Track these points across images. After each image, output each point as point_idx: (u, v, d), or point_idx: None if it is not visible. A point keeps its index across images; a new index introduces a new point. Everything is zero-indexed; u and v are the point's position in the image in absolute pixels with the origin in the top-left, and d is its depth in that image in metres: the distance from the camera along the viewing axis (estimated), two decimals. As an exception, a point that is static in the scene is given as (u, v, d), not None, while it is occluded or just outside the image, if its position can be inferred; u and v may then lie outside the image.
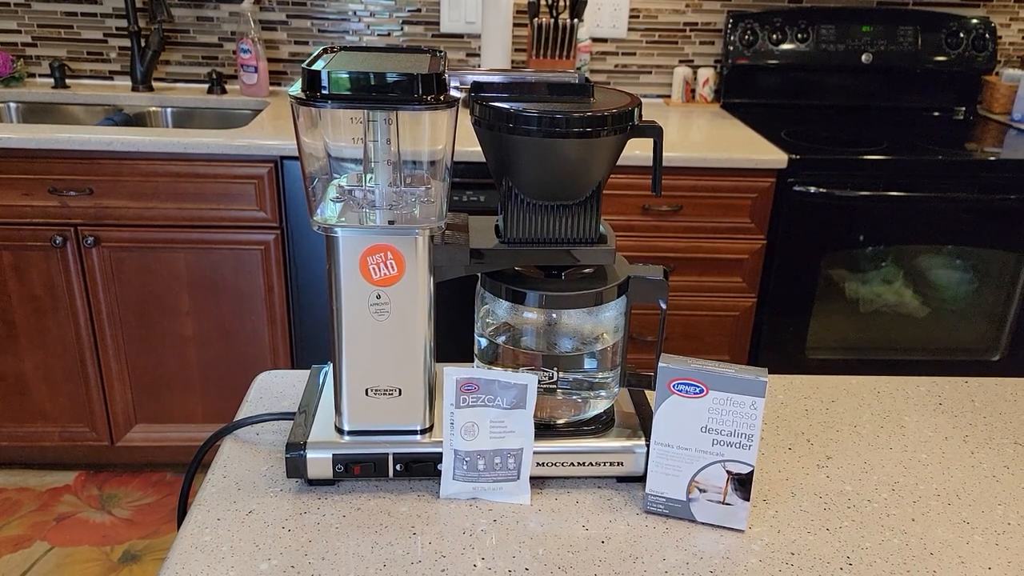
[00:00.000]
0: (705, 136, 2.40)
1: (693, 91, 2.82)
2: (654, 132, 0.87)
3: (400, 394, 0.91)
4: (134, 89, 2.63)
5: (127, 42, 2.67)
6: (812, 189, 2.27)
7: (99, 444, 2.45)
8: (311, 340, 2.37)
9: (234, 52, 2.71)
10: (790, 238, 2.33)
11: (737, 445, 0.86)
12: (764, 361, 2.46)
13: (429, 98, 0.79)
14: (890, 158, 2.29)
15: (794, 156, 2.24)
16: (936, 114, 2.84)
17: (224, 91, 2.67)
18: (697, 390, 0.85)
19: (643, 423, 0.96)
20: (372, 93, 0.79)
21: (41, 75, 2.71)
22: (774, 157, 2.23)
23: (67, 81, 2.67)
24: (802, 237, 2.33)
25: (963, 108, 2.86)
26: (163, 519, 2.37)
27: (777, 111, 2.76)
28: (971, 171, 2.33)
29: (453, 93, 0.81)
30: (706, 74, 2.78)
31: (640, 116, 0.86)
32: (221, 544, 0.84)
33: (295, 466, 0.91)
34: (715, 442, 0.86)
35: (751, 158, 2.23)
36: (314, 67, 0.79)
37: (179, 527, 0.91)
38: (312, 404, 0.98)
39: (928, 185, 2.31)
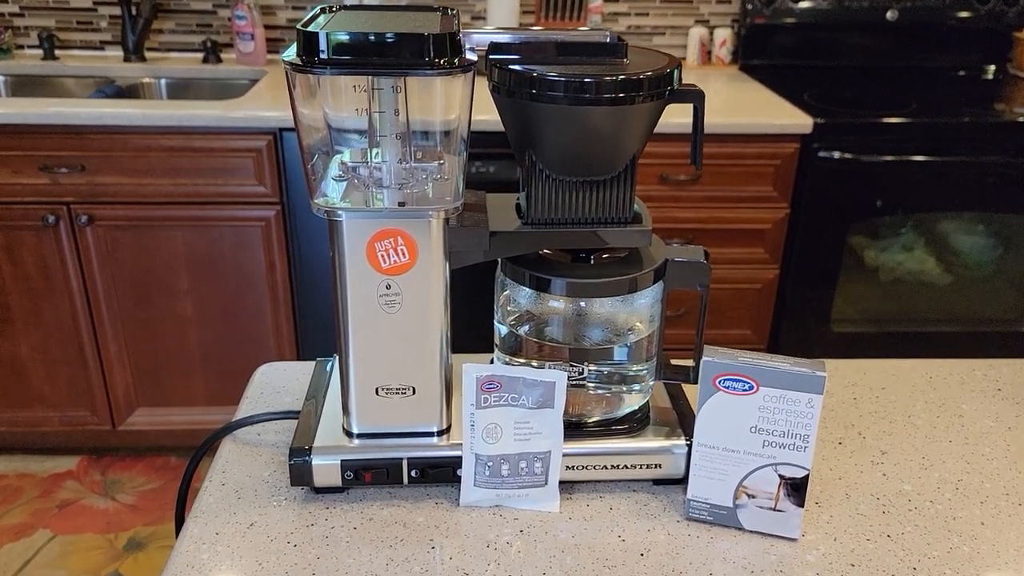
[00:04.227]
0: (724, 100, 2.29)
1: (709, 53, 2.70)
2: (695, 97, 0.77)
3: (414, 393, 0.82)
4: (126, 59, 2.53)
5: (118, 10, 2.55)
6: (836, 155, 2.16)
7: (101, 428, 2.38)
8: (316, 319, 2.29)
9: (229, 19, 2.60)
10: (814, 206, 2.22)
11: (791, 447, 0.77)
12: (787, 335, 2.37)
13: (442, 62, 0.69)
14: (920, 121, 2.18)
15: (819, 120, 2.13)
16: (962, 73, 2.72)
17: (220, 60, 2.56)
18: (746, 386, 0.76)
19: (681, 420, 0.88)
20: (377, 57, 0.69)
21: (30, 46, 2.60)
22: (799, 121, 2.12)
23: (56, 52, 2.57)
24: (827, 205, 2.23)
25: (992, 67, 2.73)
26: (168, 505, 2.30)
27: (798, 73, 2.64)
28: (1003, 133, 2.22)
29: (469, 56, 0.71)
30: (723, 34, 2.66)
31: (680, 79, 0.76)
32: (220, 562, 0.76)
33: (300, 473, 0.82)
34: (766, 443, 0.77)
35: (774, 123, 2.12)
36: (311, 28, 0.69)
37: (177, 532, 0.83)
38: (317, 403, 0.89)
39: (960, 149, 2.20)
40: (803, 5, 2.59)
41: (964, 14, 2.63)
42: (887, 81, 2.59)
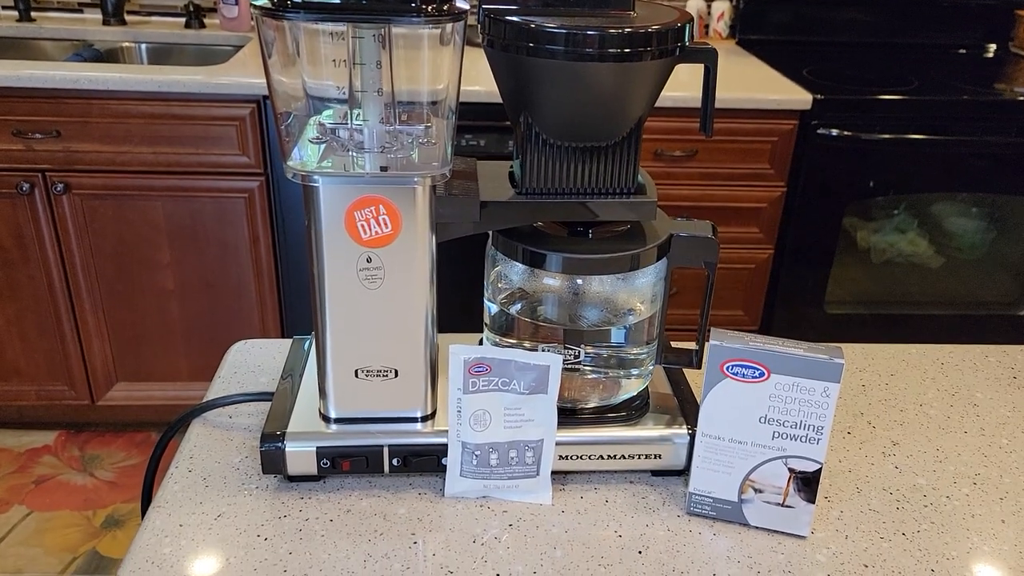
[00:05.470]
0: (721, 75, 2.20)
1: (707, 27, 2.62)
2: (707, 56, 0.71)
3: (396, 375, 0.76)
4: (105, 23, 2.43)
5: (97, -29, 2.46)
6: (835, 132, 2.10)
7: (79, 403, 2.31)
8: (302, 294, 2.22)
9: (213, -18, 2.51)
10: (812, 185, 2.16)
11: (803, 439, 0.71)
12: (780, 316, 2.31)
13: (430, 8, 0.62)
14: (921, 99, 2.12)
15: (819, 96, 2.06)
16: (963, 51, 2.65)
17: (203, 25, 2.47)
18: (757, 373, 0.70)
19: (683, 407, 0.82)
20: (357, 1, 0.62)
21: (5, 7, 2.50)
22: (798, 97, 2.06)
23: (32, 14, 2.47)
24: (825, 184, 2.17)
25: (993, 45, 2.67)
26: (147, 483, 2.24)
27: (796, 48, 2.57)
28: (1004, 112, 2.16)
29: (460, 4, 0.64)
30: (721, 8, 2.59)
31: (692, 36, 0.70)
32: (183, 557, 0.70)
33: (272, 460, 0.76)
34: (776, 435, 0.72)
35: (772, 98, 2.05)
36: (284, -29, 0.63)
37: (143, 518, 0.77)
38: (293, 384, 0.83)
39: (961, 128, 2.14)
40: (805, -22, 2.52)
41: (966, -10, 2.56)
42: (887, 58, 2.53)
